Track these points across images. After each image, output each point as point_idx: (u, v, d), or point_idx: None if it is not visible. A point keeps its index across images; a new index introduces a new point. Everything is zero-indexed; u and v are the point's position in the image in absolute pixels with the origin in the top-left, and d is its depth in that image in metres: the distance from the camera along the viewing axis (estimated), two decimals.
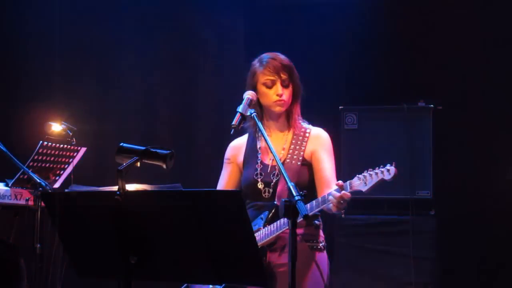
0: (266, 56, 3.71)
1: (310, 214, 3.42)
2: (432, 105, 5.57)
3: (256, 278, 2.73)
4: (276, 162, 3.20)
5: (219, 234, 2.67)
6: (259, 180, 3.66)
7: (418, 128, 5.55)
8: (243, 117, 3.43)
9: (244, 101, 3.50)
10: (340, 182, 3.42)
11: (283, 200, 2.94)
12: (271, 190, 3.63)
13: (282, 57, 3.71)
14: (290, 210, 2.88)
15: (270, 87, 3.65)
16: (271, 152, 3.26)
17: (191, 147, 6.38)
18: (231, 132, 3.50)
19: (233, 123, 3.41)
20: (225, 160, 3.85)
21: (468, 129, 5.86)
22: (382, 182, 3.40)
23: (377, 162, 3.44)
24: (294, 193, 2.94)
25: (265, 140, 3.31)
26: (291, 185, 2.99)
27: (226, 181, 3.82)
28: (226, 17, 6.40)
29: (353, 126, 5.67)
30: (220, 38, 6.41)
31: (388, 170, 3.39)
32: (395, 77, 6.06)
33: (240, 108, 3.45)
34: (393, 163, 3.41)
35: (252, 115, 3.44)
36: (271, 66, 3.65)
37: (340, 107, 5.71)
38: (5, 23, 6.53)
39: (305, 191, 3.04)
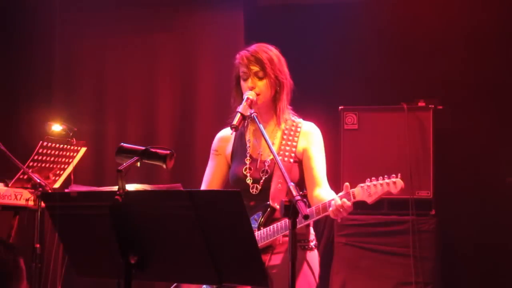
0: (245, 49, 3.60)
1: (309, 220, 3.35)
2: (432, 105, 5.57)
3: (256, 278, 2.72)
4: (277, 162, 3.16)
5: (219, 234, 2.66)
6: (248, 175, 3.58)
7: (418, 128, 5.55)
8: (244, 117, 3.39)
9: (244, 101, 3.44)
10: (348, 184, 3.34)
11: (283, 200, 2.89)
12: (259, 187, 3.55)
13: (258, 48, 3.58)
14: (290, 210, 2.86)
15: (245, 80, 3.55)
16: (273, 154, 3.21)
17: (191, 147, 6.37)
18: (231, 133, 3.49)
19: (234, 123, 3.38)
20: (212, 152, 3.73)
21: (468, 129, 5.86)
22: (388, 194, 3.34)
23: (377, 162, 3.40)
24: (294, 193, 2.89)
25: (266, 140, 3.25)
26: (291, 185, 2.94)
27: (213, 173, 3.71)
28: (226, 16, 6.40)
29: (353, 126, 5.67)
30: (220, 38, 6.40)
31: (394, 183, 3.33)
32: (395, 77, 6.06)
33: (240, 108, 3.40)
34: (399, 174, 3.35)
35: (252, 115, 3.39)
36: (244, 58, 3.55)
37: (340, 107, 5.70)
38: (5, 21, 6.54)
39: (305, 191, 3.01)
